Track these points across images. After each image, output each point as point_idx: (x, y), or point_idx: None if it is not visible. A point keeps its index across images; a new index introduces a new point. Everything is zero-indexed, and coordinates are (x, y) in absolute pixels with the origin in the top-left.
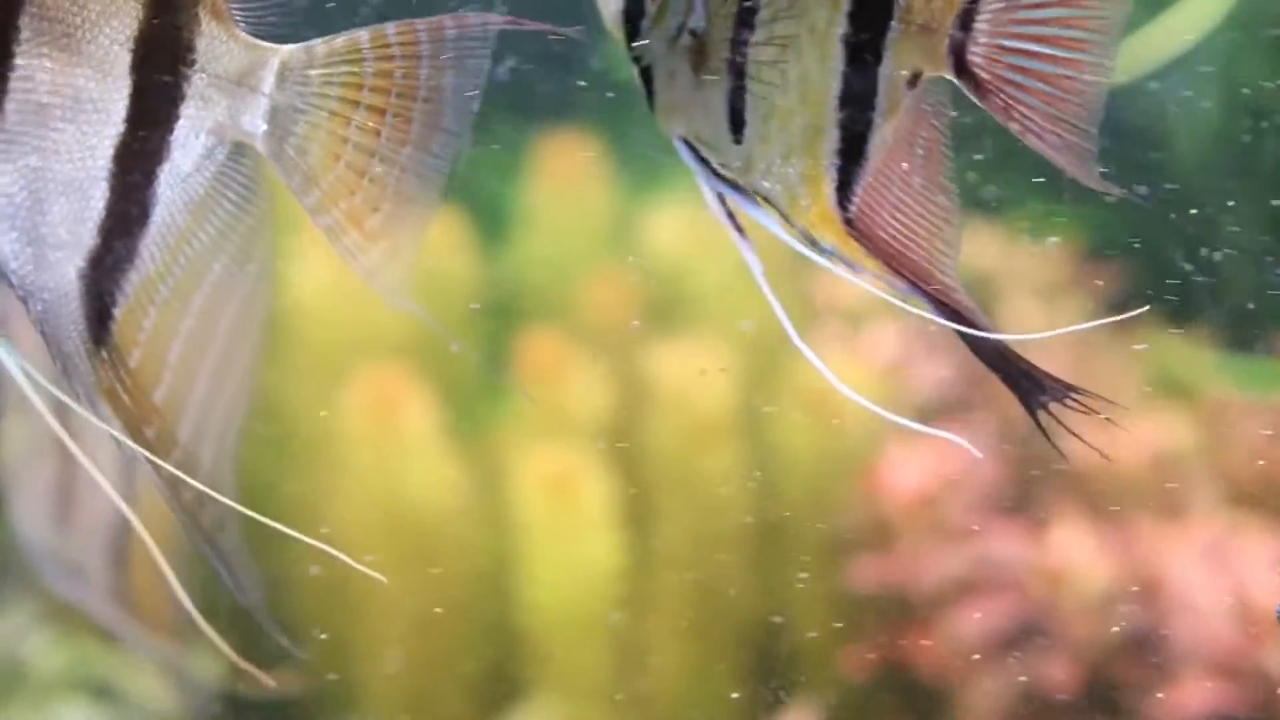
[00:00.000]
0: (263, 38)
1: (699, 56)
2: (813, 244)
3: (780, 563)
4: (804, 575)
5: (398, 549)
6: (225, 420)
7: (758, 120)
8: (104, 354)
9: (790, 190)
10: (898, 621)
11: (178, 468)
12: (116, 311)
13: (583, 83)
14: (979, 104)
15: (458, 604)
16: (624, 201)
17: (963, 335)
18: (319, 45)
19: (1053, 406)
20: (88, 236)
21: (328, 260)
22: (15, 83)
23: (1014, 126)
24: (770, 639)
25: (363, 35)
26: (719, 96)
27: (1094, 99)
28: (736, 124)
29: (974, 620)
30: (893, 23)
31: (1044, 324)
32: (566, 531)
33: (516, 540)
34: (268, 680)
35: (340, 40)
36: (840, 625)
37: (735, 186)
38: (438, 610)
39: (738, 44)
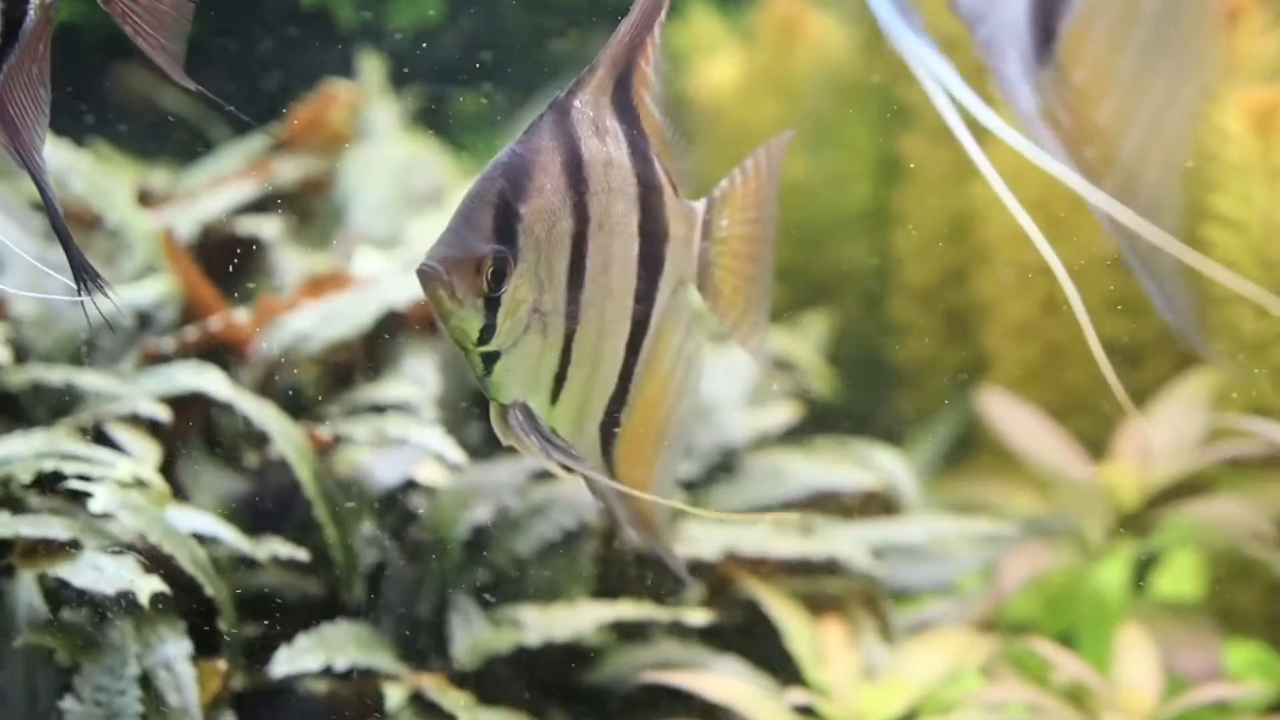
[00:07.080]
0: None
1: None
2: None
3: None
4: None
5: None
6: (1172, 143)
7: None
8: (1048, 74)
9: None
10: None
11: (1117, 189)
12: (1063, 29)
13: None
14: None
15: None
16: None
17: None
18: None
19: None
20: None
21: None
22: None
23: None
24: None
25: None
26: None
27: None
28: None
29: None
30: None
31: None
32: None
33: (1213, 177)
34: None
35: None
36: None
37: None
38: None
39: None
